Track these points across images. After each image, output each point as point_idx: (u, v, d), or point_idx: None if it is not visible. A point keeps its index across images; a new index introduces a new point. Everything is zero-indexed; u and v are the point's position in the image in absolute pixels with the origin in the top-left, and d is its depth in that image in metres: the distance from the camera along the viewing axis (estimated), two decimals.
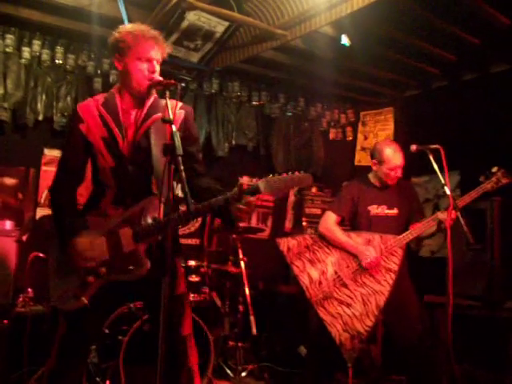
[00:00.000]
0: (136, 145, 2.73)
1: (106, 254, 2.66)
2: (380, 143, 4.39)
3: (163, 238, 2.52)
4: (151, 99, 2.80)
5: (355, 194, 4.28)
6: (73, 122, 2.81)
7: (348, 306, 3.99)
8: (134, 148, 2.73)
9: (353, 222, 4.33)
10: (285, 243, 4.25)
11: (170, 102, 2.48)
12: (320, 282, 4.08)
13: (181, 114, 2.83)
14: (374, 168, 4.25)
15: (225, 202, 2.54)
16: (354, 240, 4.11)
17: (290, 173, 2.55)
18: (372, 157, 4.29)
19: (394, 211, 4.21)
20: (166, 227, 2.47)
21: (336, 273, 4.10)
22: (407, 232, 4.03)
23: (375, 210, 4.22)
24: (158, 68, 2.74)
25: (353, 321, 3.94)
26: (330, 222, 4.23)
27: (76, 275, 2.68)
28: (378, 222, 4.19)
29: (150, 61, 2.71)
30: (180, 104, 2.84)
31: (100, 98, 2.83)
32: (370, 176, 4.34)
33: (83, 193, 2.87)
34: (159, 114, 2.72)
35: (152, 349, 2.34)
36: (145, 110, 2.78)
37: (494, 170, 3.90)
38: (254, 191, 2.54)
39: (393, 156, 4.15)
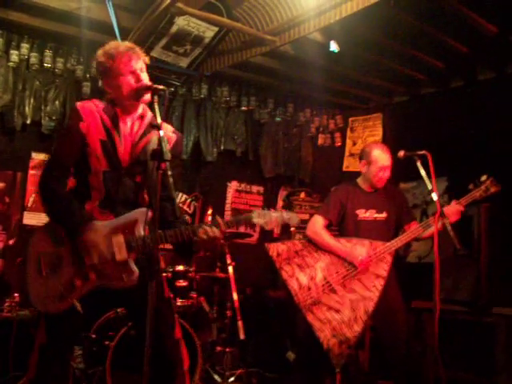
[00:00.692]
0: (135, 158, 2.76)
1: (125, 254, 2.64)
2: (368, 145, 4.50)
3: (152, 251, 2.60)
4: (148, 115, 2.84)
5: (343, 197, 4.29)
6: (72, 120, 2.79)
7: (337, 311, 4.00)
8: (132, 160, 2.76)
9: (340, 225, 4.34)
10: (274, 248, 4.25)
11: (165, 125, 2.57)
12: (309, 288, 4.09)
13: (173, 137, 2.90)
14: (363, 170, 4.28)
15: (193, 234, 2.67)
16: (343, 244, 4.13)
17: (281, 211, 2.79)
18: (361, 159, 4.32)
19: (383, 215, 4.23)
20: (160, 242, 2.58)
21: (325, 278, 4.11)
22: (396, 239, 4.05)
23: (363, 214, 4.23)
24: (144, 76, 2.76)
25: (341, 326, 3.95)
26: (317, 225, 4.25)
27: (62, 274, 2.64)
28: (365, 226, 4.21)
29: (133, 72, 2.73)
30: (172, 128, 2.94)
31: (99, 103, 2.83)
32: (359, 180, 4.36)
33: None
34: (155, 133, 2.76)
35: (141, 355, 2.33)
36: (143, 126, 2.82)
37: (483, 178, 3.91)
38: (248, 220, 2.75)
39: (381, 156, 4.19)
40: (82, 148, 2.73)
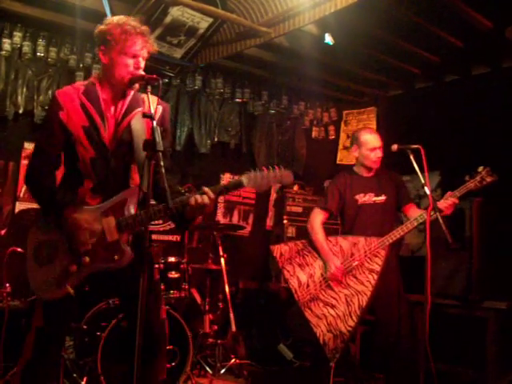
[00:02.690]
0: (119, 138, 2.73)
1: (115, 234, 2.64)
2: (357, 130, 4.68)
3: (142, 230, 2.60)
4: (131, 93, 2.79)
5: (341, 185, 4.37)
6: (51, 109, 2.77)
7: (332, 306, 4.10)
8: (116, 141, 2.73)
9: (342, 214, 4.42)
10: (278, 249, 4.42)
11: (150, 99, 2.52)
12: (308, 285, 4.22)
13: (158, 109, 2.84)
14: (355, 154, 4.37)
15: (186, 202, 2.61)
16: (331, 248, 4.20)
17: (271, 169, 2.63)
18: (351, 144, 4.44)
19: (382, 198, 4.29)
20: (150, 219, 2.56)
21: (322, 275, 4.22)
22: (390, 233, 4.06)
23: (362, 198, 4.30)
24: (142, 64, 2.73)
25: (336, 321, 4.04)
26: (316, 220, 4.33)
27: (58, 263, 2.66)
28: (366, 210, 4.27)
29: (136, 57, 2.69)
30: (157, 99, 2.85)
31: (80, 86, 2.79)
32: (355, 167, 4.45)
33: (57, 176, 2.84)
34: (140, 109, 2.75)
35: (130, 341, 2.34)
36: (126, 104, 2.77)
37: (480, 169, 3.91)
38: (237, 185, 2.63)
39: (370, 138, 4.30)
40: (65, 137, 2.70)
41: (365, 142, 4.28)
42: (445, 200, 3.92)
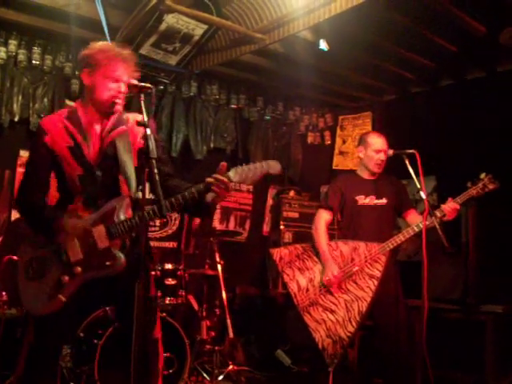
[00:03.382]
0: (103, 152, 2.80)
1: (106, 241, 2.68)
2: (364, 132, 4.66)
3: (137, 236, 2.66)
4: (115, 115, 2.85)
5: (342, 184, 4.38)
6: (37, 137, 2.86)
7: (332, 312, 4.08)
8: (101, 155, 2.80)
9: (342, 213, 4.41)
10: (277, 253, 4.39)
11: (135, 113, 2.67)
12: (307, 289, 4.20)
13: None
14: (361, 155, 4.36)
15: (198, 192, 2.69)
16: (331, 252, 4.18)
17: (257, 162, 2.76)
18: (358, 145, 4.43)
19: (383, 201, 4.28)
20: (139, 224, 2.61)
21: (322, 280, 4.18)
22: (391, 239, 4.05)
23: (363, 200, 4.29)
24: (124, 89, 2.77)
25: (336, 327, 4.02)
26: (321, 221, 4.31)
27: (49, 276, 2.69)
28: (366, 212, 4.27)
29: (117, 81, 2.74)
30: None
31: (63, 112, 2.89)
32: (358, 169, 4.45)
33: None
34: (124, 127, 2.83)
35: (124, 352, 2.34)
36: (110, 124, 2.84)
37: (482, 176, 3.90)
38: (226, 179, 2.81)
39: (377, 139, 4.30)
40: (51, 158, 2.79)
41: (371, 143, 4.27)
42: (447, 204, 3.92)
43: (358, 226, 4.29)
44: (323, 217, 4.33)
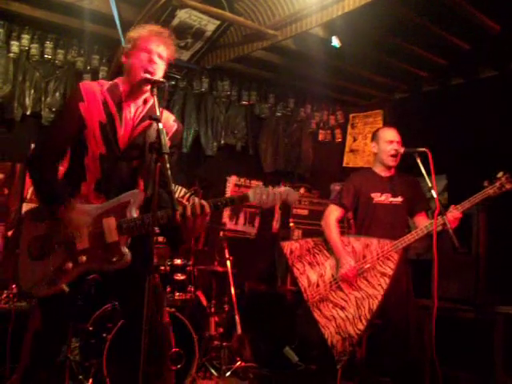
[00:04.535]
0: (132, 141, 2.74)
1: (115, 236, 2.61)
2: (376, 129, 4.58)
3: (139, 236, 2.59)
4: (151, 101, 2.80)
5: (357, 182, 4.34)
6: (72, 99, 2.78)
7: (342, 308, 4.05)
8: (129, 143, 2.73)
9: (356, 211, 4.36)
10: (288, 246, 4.36)
11: (166, 114, 2.61)
12: (317, 285, 4.17)
13: (173, 126, 2.89)
14: (375, 150, 4.34)
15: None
16: (344, 248, 4.14)
17: (277, 187, 2.64)
18: (371, 141, 4.41)
19: (399, 199, 4.24)
20: (151, 224, 2.47)
21: (333, 276, 4.16)
22: (404, 237, 4.01)
23: (378, 197, 4.25)
24: (159, 62, 2.73)
25: (345, 324, 4.00)
26: (331, 217, 4.28)
27: (53, 259, 2.63)
28: (381, 210, 4.23)
29: (149, 52, 2.71)
30: (173, 117, 2.93)
31: (105, 83, 2.82)
32: (374, 166, 4.40)
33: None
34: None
35: (134, 340, 2.33)
36: (144, 110, 2.79)
37: (499, 175, 3.80)
38: (243, 199, 2.63)
39: (388, 131, 4.31)
40: (78, 129, 2.70)
41: (383, 136, 4.26)
42: (450, 213, 3.85)
43: (371, 223, 4.24)
44: (334, 213, 4.30)
